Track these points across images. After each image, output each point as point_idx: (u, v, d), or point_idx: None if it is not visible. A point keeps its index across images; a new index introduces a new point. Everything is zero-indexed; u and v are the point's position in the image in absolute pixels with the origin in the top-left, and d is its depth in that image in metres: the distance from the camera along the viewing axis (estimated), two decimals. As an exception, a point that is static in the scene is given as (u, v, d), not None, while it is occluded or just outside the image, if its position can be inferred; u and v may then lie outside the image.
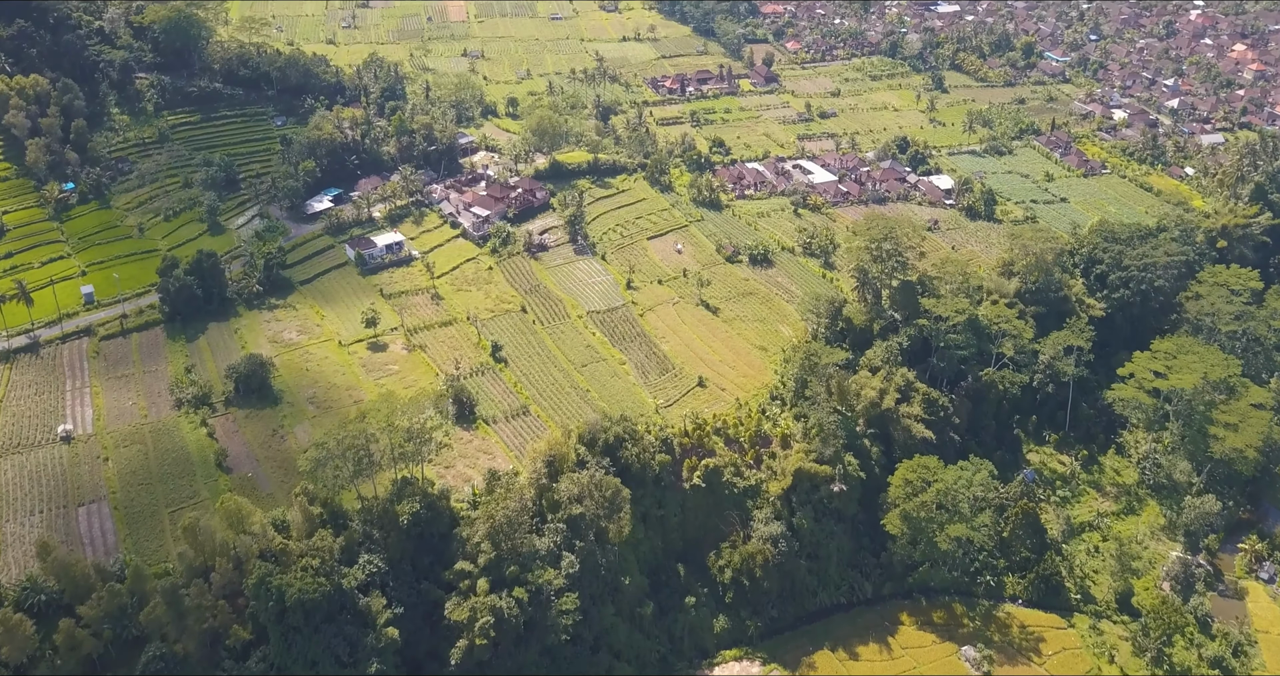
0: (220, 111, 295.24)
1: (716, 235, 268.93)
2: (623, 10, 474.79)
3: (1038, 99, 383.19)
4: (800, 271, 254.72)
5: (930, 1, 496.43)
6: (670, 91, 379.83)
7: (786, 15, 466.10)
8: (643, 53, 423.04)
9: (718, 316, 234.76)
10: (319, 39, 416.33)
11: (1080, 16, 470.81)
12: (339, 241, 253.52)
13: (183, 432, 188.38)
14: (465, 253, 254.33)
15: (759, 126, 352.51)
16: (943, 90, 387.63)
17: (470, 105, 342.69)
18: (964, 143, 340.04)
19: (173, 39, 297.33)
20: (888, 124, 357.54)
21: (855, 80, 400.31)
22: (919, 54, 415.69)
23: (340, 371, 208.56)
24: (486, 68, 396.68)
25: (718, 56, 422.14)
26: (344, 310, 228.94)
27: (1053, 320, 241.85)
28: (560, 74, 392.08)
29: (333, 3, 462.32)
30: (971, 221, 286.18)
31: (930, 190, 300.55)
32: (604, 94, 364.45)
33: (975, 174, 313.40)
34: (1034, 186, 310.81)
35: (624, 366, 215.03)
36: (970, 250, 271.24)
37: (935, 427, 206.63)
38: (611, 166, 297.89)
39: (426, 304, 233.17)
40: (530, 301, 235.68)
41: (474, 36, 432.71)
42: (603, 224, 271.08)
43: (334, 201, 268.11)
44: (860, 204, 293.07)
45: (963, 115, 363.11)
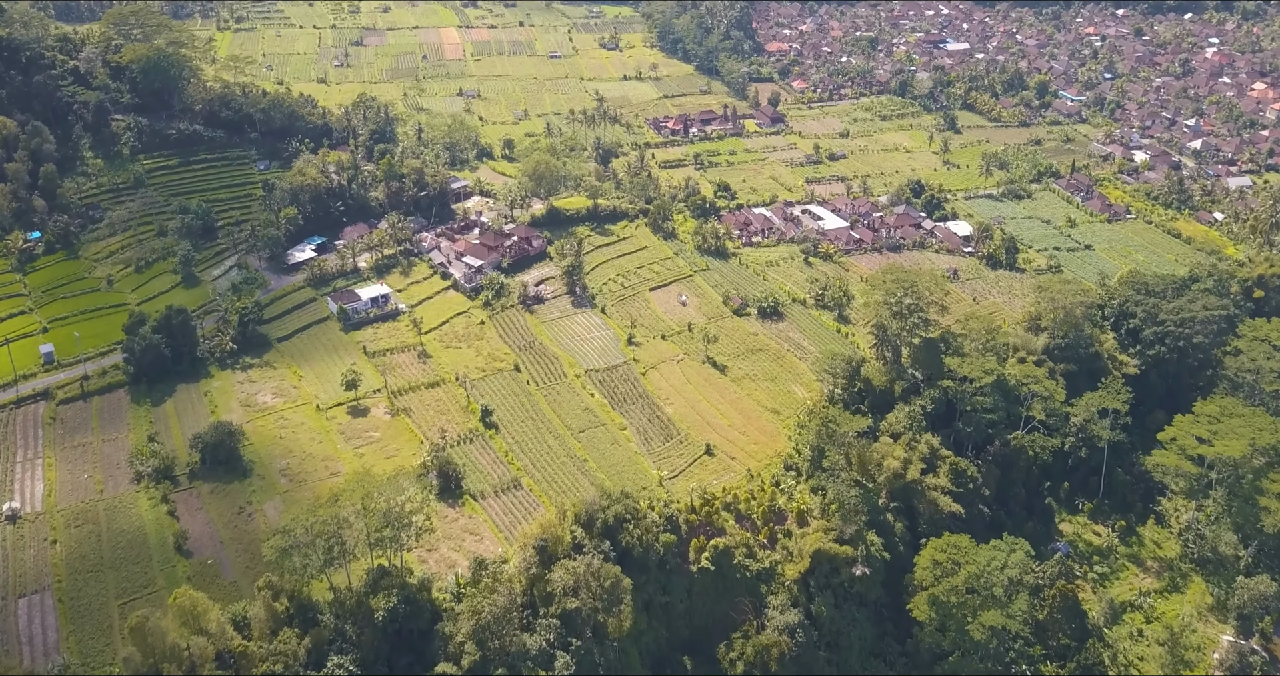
0: (200, 155, 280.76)
1: (723, 286, 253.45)
2: (623, 48, 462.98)
3: (1054, 140, 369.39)
4: (813, 325, 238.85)
5: (938, 39, 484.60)
6: (673, 133, 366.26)
7: (792, 53, 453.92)
8: (644, 92, 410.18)
9: (726, 375, 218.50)
10: (310, 78, 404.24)
11: (1094, 54, 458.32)
12: (321, 294, 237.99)
13: (140, 510, 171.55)
14: (456, 306, 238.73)
15: (765, 169, 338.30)
16: (955, 130, 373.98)
17: (465, 147, 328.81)
18: (980, 186, 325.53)
19: (151, 79, 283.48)
20: (899, 166, 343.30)
21: (864, 120, 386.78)
22: (929, 93, 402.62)
23: (317, 439, 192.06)
24: (482, 107, 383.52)
25: (722, 96, 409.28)
26: (324, 370, 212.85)
27: (1083, 378, 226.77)
28: (559, 114, 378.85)
29: (325, 41, 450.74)
30: (993, 271, 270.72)
31: (948, 237, 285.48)
32: (604, 135, 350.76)
33: (994, 219, 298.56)
34: (1056, 233, 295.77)
35: (625, 432, 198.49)
36: (993, 301, 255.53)
37: (964, 500, 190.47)
38: (612, 212, 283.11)
39: (412, 363, 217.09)
40: (524, 359, 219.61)
41: (470, 75, 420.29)
42: (603, 274, 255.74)
43: (317, 251, 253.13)
44: (874, 252, 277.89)
45: (977, 157, 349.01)
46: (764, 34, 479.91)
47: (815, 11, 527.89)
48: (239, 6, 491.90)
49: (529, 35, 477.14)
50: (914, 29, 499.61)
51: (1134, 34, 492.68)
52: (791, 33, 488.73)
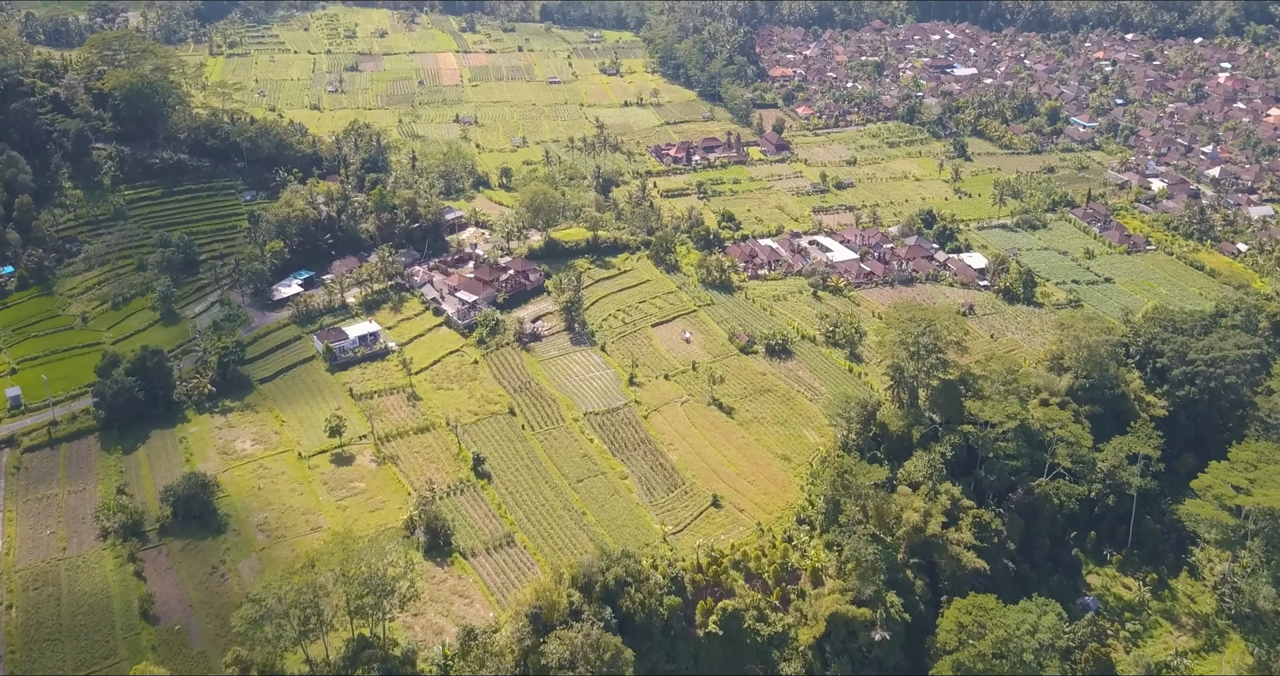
0: (184, 185, 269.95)
1: (728, 321, 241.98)
2: (624, 74, 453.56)
3: (1067, 167, 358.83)
4: (823, 364, 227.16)
5: (945, 64, 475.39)
6: (675, 160, 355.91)
7: (796, 79, 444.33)
8: (645, 119, 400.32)
9: (733, 418, 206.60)
10: (303, 104, 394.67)
11: (1104, 80, 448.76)
12: (307, 332, 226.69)
13: (105, 570, 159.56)
14: (448, 344, 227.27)
15: (771, 198, 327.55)
16: (965, 158, 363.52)
17: (460, 176, 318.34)
18: (993, 215, 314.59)
19: (135, 107, 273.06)
20: (909, 195, 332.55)
21: (872, 147, 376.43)
22: (938, 119, 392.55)
23: (298, 490, 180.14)
24: (479, 135, 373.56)
25: (725, 122, 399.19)
26: (307, 413, 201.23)
27: (1109, 421, 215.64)
28: (558, 141, 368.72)
29: (320, 66, 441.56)
30: (1010, 305, 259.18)
31: (962, 269, 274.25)
32: (604, 164, 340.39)
33: (1009, 251, 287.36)
34: (1074, 265, 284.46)
35: (626, 482, 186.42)
36: (1011, 338, 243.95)
37: (988, 555, 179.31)
38: (612, 244, 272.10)
39: (401, 406, 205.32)
40: (520, 401, 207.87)
41: (467, 101, 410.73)
42: (603, 309, 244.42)
43: (304, 286, 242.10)
44: (885, 285, 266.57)
45: (989, 185, 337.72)
46: (767, 59, 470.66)
47: (819, 36, 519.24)
48: (233, 31, 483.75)
49: (528, 60, 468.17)
50: (920, 54, 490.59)
51: (1144, 59, 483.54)
52: (795, 58, 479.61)
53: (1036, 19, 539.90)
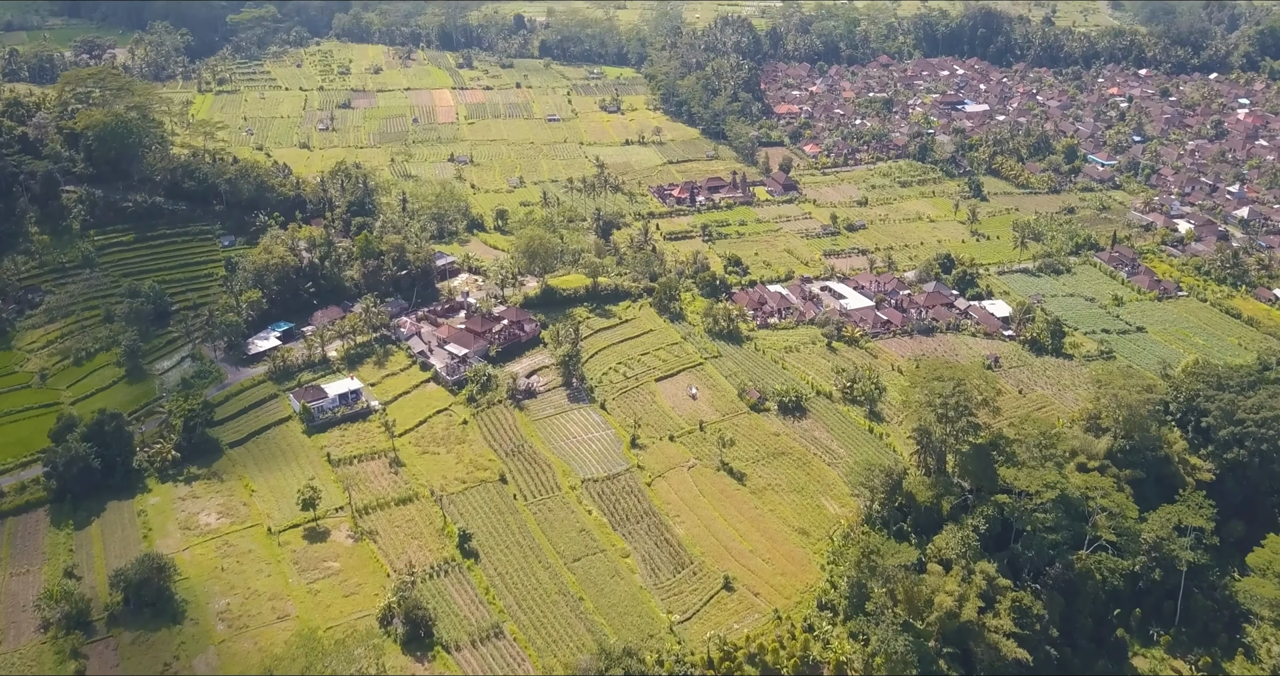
0: (159, 230, 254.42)
1: (738, 375, 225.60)
2: (625, 111, 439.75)
3: (1088, 208, 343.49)
4: (841, 424, 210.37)
5: (956, 100, 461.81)
6: (679, 201, 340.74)
7: (803, 116, 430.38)
8: (647, 157, 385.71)
9: (744, 485, 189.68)
10: (292, 143, 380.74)
11: (1120, 116, 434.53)
12: (284, 390, 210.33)
13: (44, 668, 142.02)
14: (435, 402, 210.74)
15: (779, 241, 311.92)
16: (981, 198, 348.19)
17: (454, 218, 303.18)
18: (1014, 259, 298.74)
19: (108, 147, 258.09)
20: (924, 237, 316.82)
21: (883, 187, 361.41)
22: (951, 158, 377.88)
23: (265, 571, 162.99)
24: (475, 174, 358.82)
25: (729, 161, 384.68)
26: (280, 482, 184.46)
27: (1151, 486, 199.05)
28: (556, 181, 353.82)
29: (311, 103, 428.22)
30: (1037, 357, 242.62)
31: (984, 318, 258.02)
32: (604, 205, 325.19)
33: (1033, 298, 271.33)
34: (1102, 312, 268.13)
35: (628, 560, 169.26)
36: (1040, 394, 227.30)
37: (1029, 643, 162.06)
38: (613, 291, 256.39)
39: (382, 473, 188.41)
40: (512, 467, 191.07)
41: (463, 139, 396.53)
42: (603, 362, 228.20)
43: (282, 338, 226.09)
44: (904, 335, 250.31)
45: (1008, 226, 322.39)
46: (772, 96, 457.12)
47: (825, 72, 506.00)
48: (223, 68, 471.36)
49: (526, 97, 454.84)
50: (929, 90, 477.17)
51: (1160, 95, 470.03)
52: (801, 94, 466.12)
53: (1047, 54, 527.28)
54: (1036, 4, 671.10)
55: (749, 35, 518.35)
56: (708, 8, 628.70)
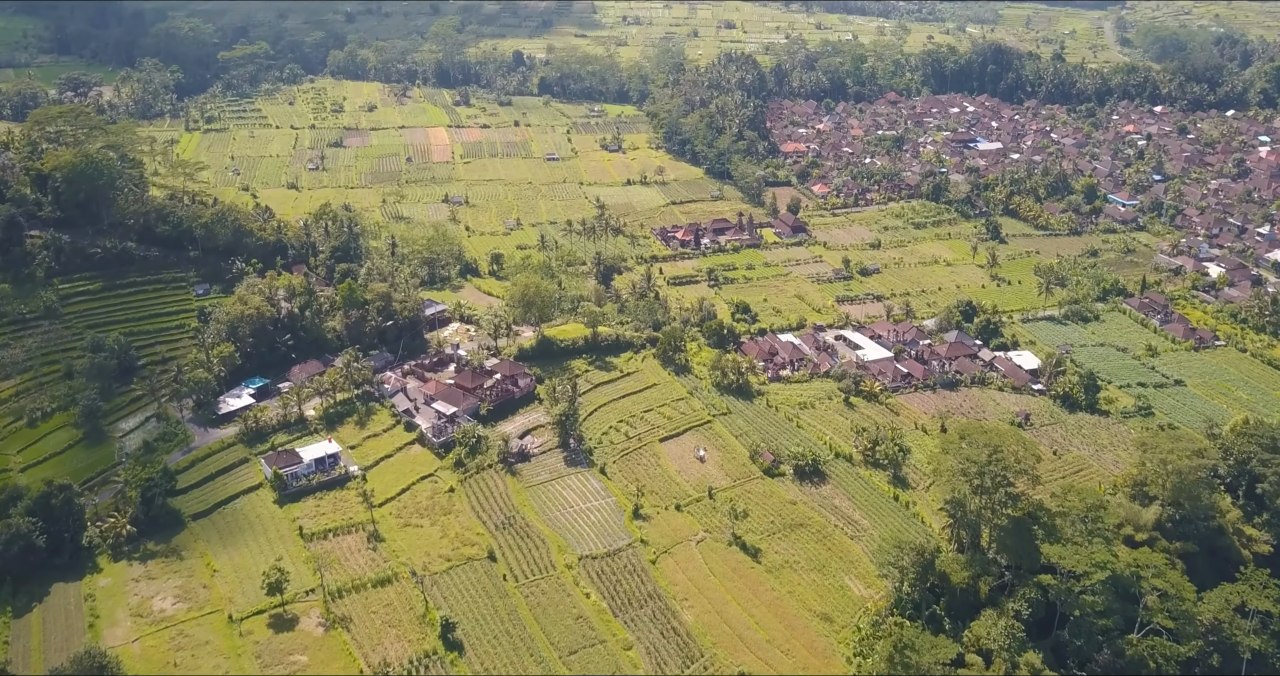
0: (128, 277, 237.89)
1: (749, 434, 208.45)
2: (627, 150, 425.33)
3: (1111, 250, 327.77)
4: (863, 490, 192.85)
5: (968, 138, 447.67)
6: (683, 244, 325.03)
7: (810, 155, 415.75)
8: (650, 198, 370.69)
9: (759, 563, 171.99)
10: (280, 183, 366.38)
11: (1139, 154, 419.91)
12: (256, 454, 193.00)
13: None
14: (420, 466, 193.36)
15: (789, 286, 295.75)
16: (1000, 240, 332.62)
17: (446, 263, 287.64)
18: (1038, 306, 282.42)
19: (76, 189, 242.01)
20: (942, 282, 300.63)
21: (896, 229, 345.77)
22: (966, 198, 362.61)
23: (223, 666, 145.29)
24: (470, 216, 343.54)
25: (735, 202, 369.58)
26: (246, 560, 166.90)
27: (1203, 559, 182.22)
28: (555, 223, 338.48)
29: (302, 142, 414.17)
30: (1070, 414, 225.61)
31: (1011, 371, 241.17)
32: (605, 248, 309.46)
33: (1061, 348, 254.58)
34: (1136, 364, 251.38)
35: (630, 652, 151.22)
36: (1077, 455, 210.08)
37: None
38: (614, 342, 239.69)
39: (359, 549, 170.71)
40: (502, 542, 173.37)
41: (458, 179, 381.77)
42: (602, 419, 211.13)
43: (257, 396, 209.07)
44: (926, 389, 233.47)
45: (1029, 270, 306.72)
46: (778, 134, 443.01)
47: (832, 109, 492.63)
48: (212, 105, 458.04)
49: (524, 136, 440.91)
50: (940, 127, 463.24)
51: (1178, 132, 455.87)
52: (808, 132, 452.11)
53: (1059, 91, 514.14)
54: (1045, 41, 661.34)
55: (753, 72, 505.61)
56: (710, 44, 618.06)
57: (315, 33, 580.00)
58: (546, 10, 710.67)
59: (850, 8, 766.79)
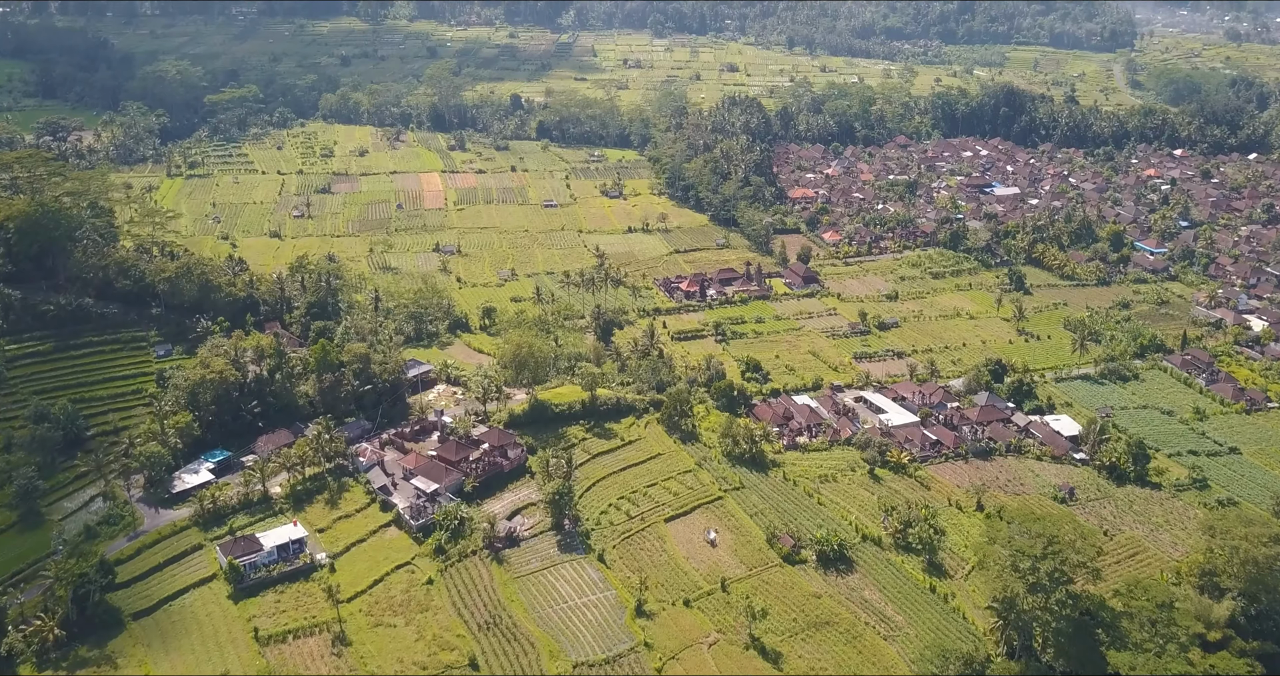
0: (84, 337, 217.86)
1: (765, 513, 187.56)
2: (628, 196, 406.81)
3: (1143, 301, 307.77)
4: (895, 580, 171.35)
5: (983, 183, 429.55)
6: (687, 295, 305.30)
7: (819, 200, 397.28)
8: (652, 246, 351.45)
9: (780, 669, 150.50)
10: (262, 231, 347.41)
11: (1164, 199, 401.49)
12: (211, 539, 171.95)
13: None
14: (396, 553, 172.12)
15: (802, 341, 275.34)
16: (1024, 291, 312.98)
17: (435, 317, 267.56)
18: (1072, 364, 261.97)
19: (29, 241, 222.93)
20: (966, 337, 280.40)
21: (914, 279, 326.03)
22: (986, 246, 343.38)
23: None
24: (462, 266, 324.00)
25: (742, 250, 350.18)
26: (191, 666, 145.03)
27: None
28: (552, 273, 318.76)
29: (288, 188, 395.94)
30: (1118, 487, 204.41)
31: (1049, 438, 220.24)
32: (605, 300, 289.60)
33: (1100, 411, 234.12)
34: (1184, 428, 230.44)
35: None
36: (1130, 536, 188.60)
37: None
38: (614, 406, 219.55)
39: (322, 655, 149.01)
40: (485, 646, 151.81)
41: (450, 227, 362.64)
42: (601, 496, 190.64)
43: (216, 471, 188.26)
44: (958, 459, 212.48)
45: (1057, 324, 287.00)
46: (785, 179, 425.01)
47: (840, 153, 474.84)
48: (197, 150, 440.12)
49: (521, 181, 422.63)
50: (953, 172, 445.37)
51: (1201, 176, 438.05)
52: (816, 177, 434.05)
53: (1074, 134, 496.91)
54: (1055, 84, 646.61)
55: (758, 115, 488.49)
56: (713, 87, 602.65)
57: (308, 76, 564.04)
58: (546, 54, 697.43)
59: (855, 49, 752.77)
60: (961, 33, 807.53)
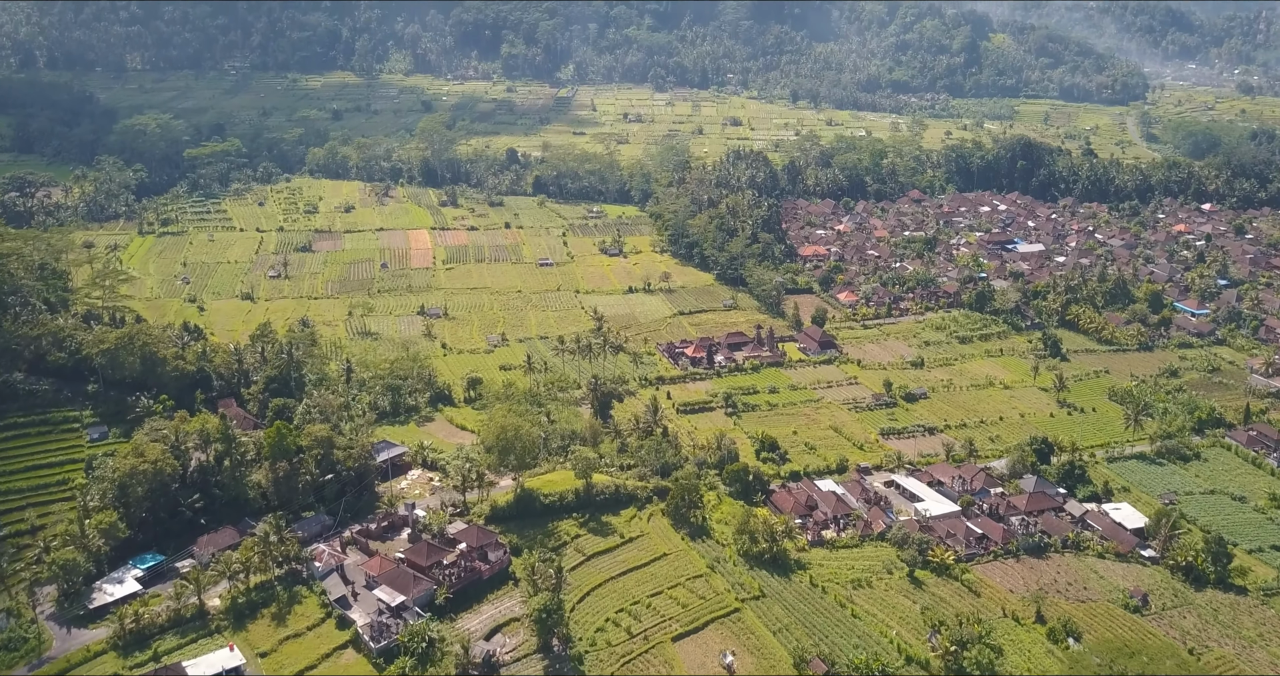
0: (9, 418, 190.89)
1: (790, 628, 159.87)
2: (628, 254, 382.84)
3: (1192, 368, 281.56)
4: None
5: (1005, 239, 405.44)
6: (694, 362, 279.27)
7: (832, 258, 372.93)
8: (654, 307, 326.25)
9: None
10: (234, 293, 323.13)
11: (1199, 257, 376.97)
12: (130, 667, 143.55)
13: None
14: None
15: (822, 415, 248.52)
16: (1061, 356, 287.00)
17: (414, 389, 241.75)
18: (1123, 440, 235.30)
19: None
20: (1003, 409, 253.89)
21: (939, 343, 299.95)
22: (1016, 307, 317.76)
23: None
24: (448, 330, 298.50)
25: (751, 312, 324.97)
26: None
27: None
28: (546, 338, 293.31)
29: (267, 246, 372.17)
30: (1197, 591, 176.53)
31: (1110, 531, 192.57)
32: (603, 368, 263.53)
33: (1163, 498, 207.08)
34: (1261, 518, 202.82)
35: None
36: (1220, 654, 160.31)
37: None
38: (613, 495, 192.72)
39: None
40: None
41: (438, 288, 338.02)
42: (597, 607, 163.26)
43: (146, 580, 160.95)
44: (1008, 556, 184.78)
45: (1101, 394, 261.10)
46: (795, 235, 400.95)
47: (851, 208, 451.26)
48: (173, 207, 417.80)
49: (515, 239, 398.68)
50: (972, 227, 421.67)
51: (1235, 232, 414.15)
52: (828, 234, 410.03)
53: (1095, 188, 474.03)
54: (1068, 137, 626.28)
55: (765, 169, 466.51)
56: (716, 142, 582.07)
57: (295, 130, 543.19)
58: (544, 108, 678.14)
59: (860, 102, 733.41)
60: (969, 86, 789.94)
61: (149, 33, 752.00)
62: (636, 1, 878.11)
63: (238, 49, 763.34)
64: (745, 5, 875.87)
